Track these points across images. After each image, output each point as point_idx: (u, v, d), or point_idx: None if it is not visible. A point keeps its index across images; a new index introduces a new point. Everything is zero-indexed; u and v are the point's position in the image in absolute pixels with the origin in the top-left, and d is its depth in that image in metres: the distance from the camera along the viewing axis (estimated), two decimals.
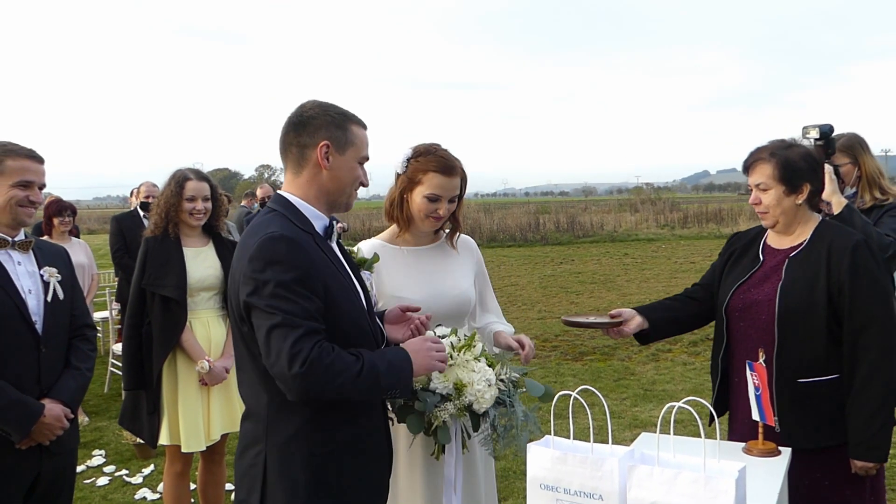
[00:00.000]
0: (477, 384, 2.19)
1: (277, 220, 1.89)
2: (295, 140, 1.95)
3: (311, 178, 1.96)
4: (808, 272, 2.41)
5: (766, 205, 2.46)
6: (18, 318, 2.44)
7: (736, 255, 2.67)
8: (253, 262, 1.78)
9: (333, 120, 1.95)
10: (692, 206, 32.61)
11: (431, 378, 2.19)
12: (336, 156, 1.94)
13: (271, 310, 1.75)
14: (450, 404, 2.18)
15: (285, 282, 1.76)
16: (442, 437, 2.20)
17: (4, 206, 2.45)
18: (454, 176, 2.51)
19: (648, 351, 7.88)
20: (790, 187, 2.43)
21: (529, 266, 17.34)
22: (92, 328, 2.80)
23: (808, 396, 2.39)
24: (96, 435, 5.69)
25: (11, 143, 2.51)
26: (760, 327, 2.46)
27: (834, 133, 2.95)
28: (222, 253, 3.62)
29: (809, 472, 2.39)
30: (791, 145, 2.48)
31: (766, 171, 2.44)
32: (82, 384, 2.66)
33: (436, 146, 2.56)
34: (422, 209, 2.51)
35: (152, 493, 4.56)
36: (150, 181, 6.95)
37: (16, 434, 2.39)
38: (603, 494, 1.72)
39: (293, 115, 1.98)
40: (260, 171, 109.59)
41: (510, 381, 2.28)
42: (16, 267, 2.50)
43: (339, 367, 1.75)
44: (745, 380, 2.38)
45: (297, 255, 1.79)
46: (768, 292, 2.45)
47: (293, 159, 1.97)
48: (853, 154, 3.26)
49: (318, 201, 1.98)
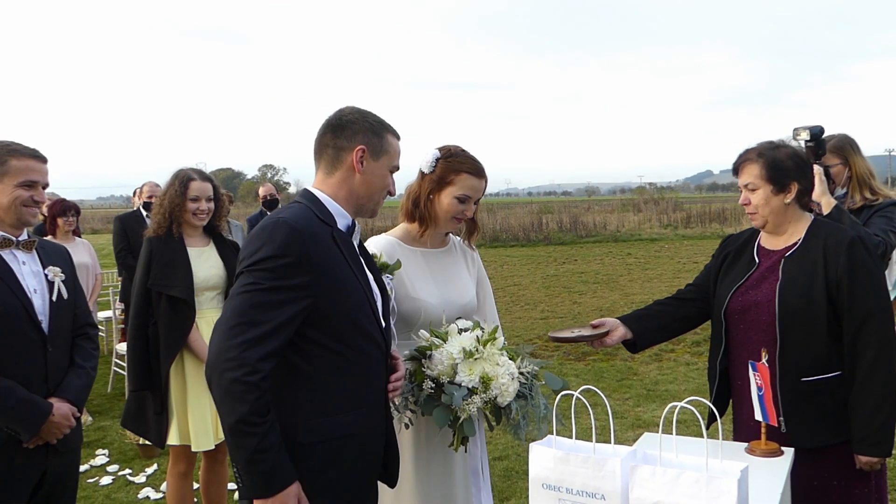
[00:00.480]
0: (501, 378, 2.24)
1: (295, 209, 1.94)
2: (332, 142, 2.01)
3: (342, 179, 2.01)
4: (805, 270, 2.42)
5: (755, 205, 2.48)
6: (25, 317, 2.45)
7: (730, 258, 2.67)
8: (252, 239, 1.86)
9: (371, 127, 2.02)
10: (695, 206, 32.58)
11: (457, 372, 2.23)
12: (370, 161, 2.01)
13: (249, 285, 1.79)
14: (477, 398, 2.22)
15: (272, 260, 1.79)
16: (468, 429, 2.24)
17: (9, 206, 2.45)
18: (483, 178, 2.58)
19: (651, 351, 7.87)
20: (778, 186, 2.45)
21: (532, 266, 17.33)
22: (94, 327, 2.82)
23: (811, 395, 2.39)
24: (100, 434, 5.70)
25: (15, 142, 2.51)
26: (761, 328, 2.46)
27: (825, 134, 2.99)
28: (224, 252, 3.64)
29: (816, 470, 2.39)
30: (778, 146, 2.50)
31: (753, 171, 2.47)
32: (87, 383, 2.67)
33: (456, 146, 2.60)
34: (450, 210, 2.54)
35: (155, 492, 4.57)
36: (152, 181, 6.96)
37: (25, 433, 2.40)
38: (605, 494, 1.72)
39: (332, 118, 2.03)
40: (263, 170, 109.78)
41: (530, 375, 2.33)
42: (21, 267, 2.51)
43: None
44: (749, 381, 2.38)
45: (294, 241, 1.81)
46: (767, 293, 2.45)
47: (328, 160, 2.02)
48: (844, 155, 3.30)
49: (346, 202, 2.02)
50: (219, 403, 1.77)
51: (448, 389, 2.21)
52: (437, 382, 2.27)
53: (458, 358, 2.27)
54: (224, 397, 1.74)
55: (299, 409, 1.87)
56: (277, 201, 8.31)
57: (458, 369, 2.24)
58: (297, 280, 1.80)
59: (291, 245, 1.81)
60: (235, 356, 1.73)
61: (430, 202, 2.56)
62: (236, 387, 1.72)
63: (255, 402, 1.73)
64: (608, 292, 12.55)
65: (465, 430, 2.24)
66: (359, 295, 1.96)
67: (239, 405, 1.73)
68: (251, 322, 1.76)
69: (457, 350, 2.28)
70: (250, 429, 1.74)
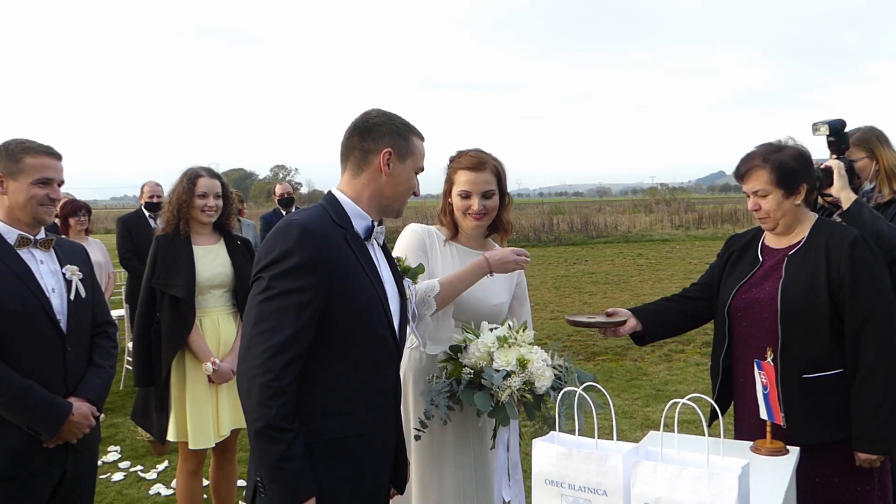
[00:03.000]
0: (536, 362, 2.35)
1: (310, 211, 1.99)
2: (359, 144, 2.03)
3: (369, 181, 2.03)
4: (807, 269, 2.43)
5: (767, 210, 2.47)
6: (44, 317, 2.45)
7: (735, 256, 2.68)
8: (266, 243, 1.89)
9: (397, 129, 2.04)
10: (707, 207, 32.44)
11: (494, 359, 2.35)
12: (396, 163, 2.03)
13: (268, 290, 1.82)
14: (516, 378, 2.32)
15: (287, 262, 1.82)
16: (510, 412, 2.33)
17: (25, 204, 2.45)
18: (482, 171, 2.61)
19: (661, 351, 7.86)
20: (788, 190, 2.45)
21: (543, 266, 17.31)
22: (112, 325, 2.80)
23: (813, 392, 2.40)
24: (112, 431, 5.76)
25: (29, 140, 2.51)
26: (764, 326, 2.47)
27: (847, 128, 2.87)
28: (233, 251, 3.65)
29: (819, 468, 2.40)
30: (781, 147, 2.49)
31: (762, 177, 2.45)
32: (106, 381, 2.67)
33: (473, 149, 2.69)
34: (459, 207, 2.65)
35: (166, 488, 4.62)
36: (153, 181, 6.94)
37: (45, 433, 2.41)
38: (607, 490, 1.74)
39: (359, 121, 2.06)
40: (275, 171, 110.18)
41: (563, 367, 2.46)
42: (39, 266, 2.50)
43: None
44: (751, 379, 2.39)
45: (307, 241, 1.83)
46: (769, 291, 2.47)
47: (354, 162, 2.04)
48: (870, 148, 3.14)
49: (371, 203, 2.05)
50: (247, 410, 1.79)
51: (487, 373, 2.32)
52: (476, 370, 2.37)
53: (493, 346, 2.39)
54: (253, 403, 1.77)
55: (308, 408, 1.87)
56: (293, 200, 8.55)
57: (494, 356, 2.36)
58: (311, 280, 1.82)
59: (304, 246, 1.83)
60: (262, 362, 1.76)
61: (449, 206, 2.69)
62: (264, 392, 1.75)
63: (282, 407, 1.77)
64: (619, 293, 12.53)
65: (507, 411, 2.32)
66: (369, 295, 1.96)
67: (266, 410, 1.75)
68: (274, 328, 1.79)
69: (491, 340, 2.40)
70: (278, 434, 1.76)
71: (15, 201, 2.45)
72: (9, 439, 2.38)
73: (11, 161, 2.45)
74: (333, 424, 1.91)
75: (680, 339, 8.26)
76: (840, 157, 2.81)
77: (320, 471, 1.87)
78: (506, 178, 2.69)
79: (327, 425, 1.90)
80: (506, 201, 2.71)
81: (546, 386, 2.36)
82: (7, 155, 2.46)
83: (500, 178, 2.66)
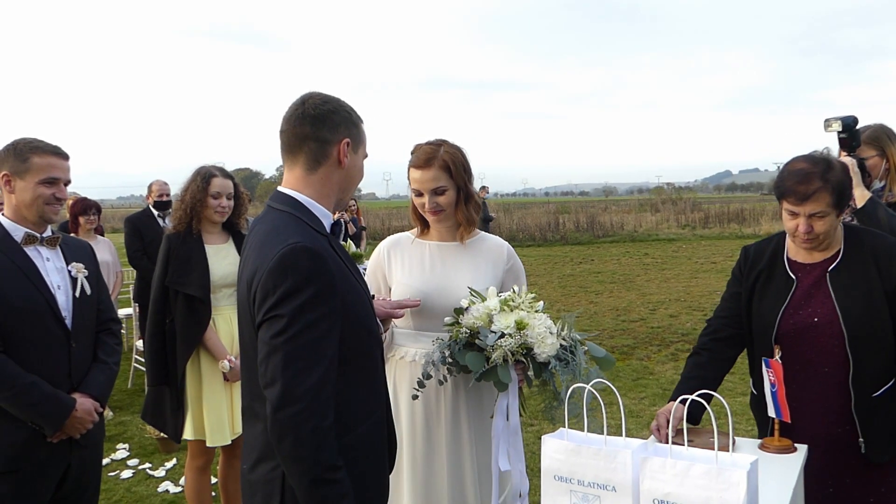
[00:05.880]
0: (537, 328, 2.27)
1: (293, 224, 1.77)
2: (313, 134, 1.81)
3: (327, 175, 1.84)
4: (858, 283, 2.31)
5: (820, 232, 2.29)
6: (49, 313, 2.48)
7: (763, 278, 2.48)
8: (273, 274, 1.67)
9: (350, 117, 1.88)
10: (714, 206, 32.36)
11: (493, 322, 2.28)
12: (352, 154, 1.87)
13: (293, 327, 1.64)
14: (510, 339, 2.24)
15: (304, 293, 1.66)
16: (502, 375, 2.25)
17: (31, 203, 2.48)
18: (426, 168, 2.49)
19: (668, 350, 7.85)
20: (840, 209, 2.30)
21: (549, 266, 17.31)
22: (117, 322, 2.84)
23: (880, 408, 2.32)
24: (120, 429, 5.79)
25: (36, 139, 2.54)
26: (825, 350, 2.33)
27: (858, 125, 2.82)
28: (242, 250, 3.67)
29: (882, 481, 2.34)
30: (830, 163, 2.30)
31: (825, 199, 2.24)
32: (110, 378, 2.70)
33: (427, 142, 2.58)
34: (416, 204, 2.59)
35: (174, 486, 4.64)
36: (161, 179, 6.94)
37: (49, 428, 2.44)
38: (616, 486, 1.74)
39: (309, 108, 1.83)
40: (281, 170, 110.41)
41: (573, 339, 2.36)
42: (45, 263, 2.54)
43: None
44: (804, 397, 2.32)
45: (316, 266, 1.69)
46: (823, 313, 2.32)
47: (309, 155, 1.83)
48: (880, 146, 3.09)
49: (329, 200, 1.88)
50: (297, 460, 1.63)
51: (483, 332, 2.25)
52: (472, 331, 2.31)
53: (495, 310, 2.32)
54: (306, 452, 1.62)
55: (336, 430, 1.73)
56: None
57: (494, 318, 2.29)
58: (331, 303, 1.69)
59: (317, 271, 1.68)
60: (306, 406, 1.62)
61: (413, 204, 2.63)
62: (317, 437, 1.63)
63: (333, 447, 1.66)
64: (625, 292, 12.51)
65: (500, 375, 2.24)
66: (363, 298, 1.87)
67: (320, 454, 1.63)
68: (309, 366, 1.64)
69: (494, 304, 2.33)
70: (334, 475, 1.65)
71: (22, 200, 2.49)
72: (13, 433, 2.42)
73: (19, 160, 2.48)
74: (353, 441, 1.79)
75: (686, 338, 8.25)
76: (851, 154, 2.75)
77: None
78: (463, 170, 2.53)
79: (346, 444, 1.76)
80: (462, 195, 2.54)
81: (547, 353, 2.26)
82: (15, 154, 2.48)
83: (453, 172, 2.50)
